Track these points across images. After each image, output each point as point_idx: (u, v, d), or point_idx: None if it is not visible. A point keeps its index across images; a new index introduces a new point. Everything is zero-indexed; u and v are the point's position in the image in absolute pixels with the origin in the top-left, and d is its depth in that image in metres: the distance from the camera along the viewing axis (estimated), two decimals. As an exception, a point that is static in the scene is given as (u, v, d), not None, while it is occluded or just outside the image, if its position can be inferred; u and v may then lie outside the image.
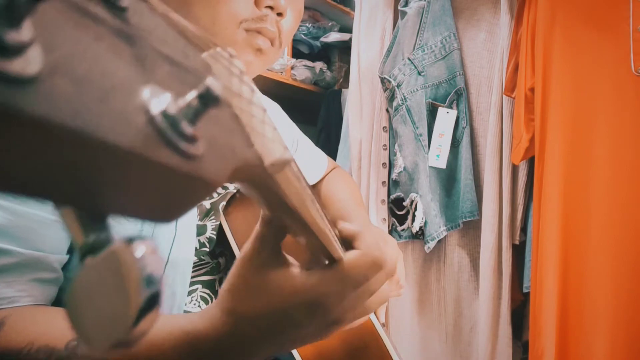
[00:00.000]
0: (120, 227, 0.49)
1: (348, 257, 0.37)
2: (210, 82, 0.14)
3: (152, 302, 0.13)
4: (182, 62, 0.17)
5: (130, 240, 0.13)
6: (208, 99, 0.14)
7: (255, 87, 0.23)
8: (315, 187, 0.96)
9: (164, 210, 0.14)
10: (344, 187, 0.93)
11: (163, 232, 0.54)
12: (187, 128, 0.14)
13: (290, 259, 0.38)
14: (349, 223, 0.43)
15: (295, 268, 0.37)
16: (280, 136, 0.23)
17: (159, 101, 0.13)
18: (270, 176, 0.23)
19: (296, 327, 0.38)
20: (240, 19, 0.55)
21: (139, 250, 0.13)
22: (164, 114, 0.13)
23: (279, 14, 0.58)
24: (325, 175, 0.98)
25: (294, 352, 0.63)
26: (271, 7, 0.57)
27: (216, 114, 0.18)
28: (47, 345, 0.39)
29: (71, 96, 0.10)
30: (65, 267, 0.49)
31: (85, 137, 0.10)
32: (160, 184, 0.13)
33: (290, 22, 0.61)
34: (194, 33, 0.21)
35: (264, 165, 0.21)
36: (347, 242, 0.40)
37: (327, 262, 0.38)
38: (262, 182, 0.23)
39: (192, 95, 0.14)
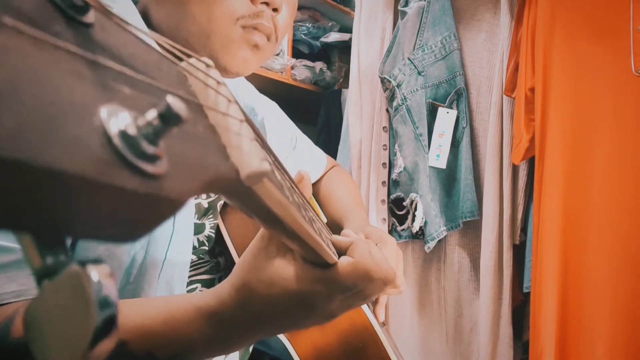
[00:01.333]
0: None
1: (340, 264, 0.38)
2: (170, 100, 0.14)
3: (108, 324, 0.13)
4: (149, 79, 0.17)
5: (86, 264, 0.13)
6: (169, 118, 0.14)
7: (232, 97, 0.23)
8: (314, 186, 0.96)
9: (126, 231, 0.14)
10: (343, 187, 0.93)
11: (161, 230, 0.54)
12: (148, 147, 0.14)
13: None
14: (343, 233, 0.44)
15: (297, 258, 0.39)
16: (257, 148, 0.23)
17: (117, 122, 0.13)
18: (248, 188, 0.22)
19: (294, 312, 0.39)
20: (237, 15, 0.56)
21: (94, 273, 0.13)
22: (122, 134, 0.13)
23: (275, 10, 0.58)
24: (325, 174, 0.98)
25: (293, 352, 0.63)
26: (266, 3, 0.57)
27: (187, 129, 0.18)
28: None
29: (13, 124, 0.10)
30: None
31: (29, 167, 0.10)
32: (119, 207, 0.13)
33: (286, 17, 0.62)
34: (168, 45, 0.20)
35: (240, 178, 0.21)
36: (341, 252, 0.41)
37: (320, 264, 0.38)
38: (240, 194, 0.23)
39: (152, 115, 0.14)
